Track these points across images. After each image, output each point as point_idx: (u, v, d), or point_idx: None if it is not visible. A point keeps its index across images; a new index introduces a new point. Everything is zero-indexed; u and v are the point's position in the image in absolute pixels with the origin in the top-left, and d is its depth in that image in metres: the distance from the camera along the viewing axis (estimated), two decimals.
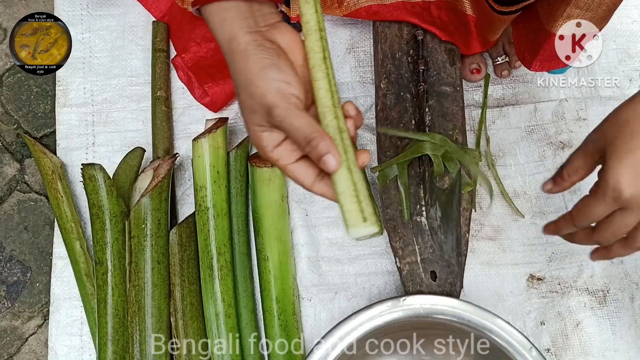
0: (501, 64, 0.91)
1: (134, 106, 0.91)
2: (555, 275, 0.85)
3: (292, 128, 0.48)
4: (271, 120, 0.48)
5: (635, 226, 0.56)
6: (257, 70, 0.48)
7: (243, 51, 0.48)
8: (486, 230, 0.86)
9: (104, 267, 0.78)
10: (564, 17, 0.69)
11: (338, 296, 0.84)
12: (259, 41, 0.49)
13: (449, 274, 0.75)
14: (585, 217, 0.58)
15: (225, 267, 0.78)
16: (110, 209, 0.79)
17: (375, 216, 0.50)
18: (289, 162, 0.51)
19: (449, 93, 0.83)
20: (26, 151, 0.91)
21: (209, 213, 0.79)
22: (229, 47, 0.49)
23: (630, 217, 0.55)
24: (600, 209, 0.56)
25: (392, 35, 0.85)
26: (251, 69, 0.48)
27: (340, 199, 0.50)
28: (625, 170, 0.53)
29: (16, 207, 0.89)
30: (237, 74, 0.49)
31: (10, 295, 0.86)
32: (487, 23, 0.79)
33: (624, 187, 0.53)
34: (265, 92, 0.48)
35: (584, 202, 0.57)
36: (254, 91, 0.48)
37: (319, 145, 0.47)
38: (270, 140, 0.50)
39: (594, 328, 0.83)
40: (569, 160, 0.61)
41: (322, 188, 0.52)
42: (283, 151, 0.51)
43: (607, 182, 0.54)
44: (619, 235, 0.58)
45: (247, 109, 0.50)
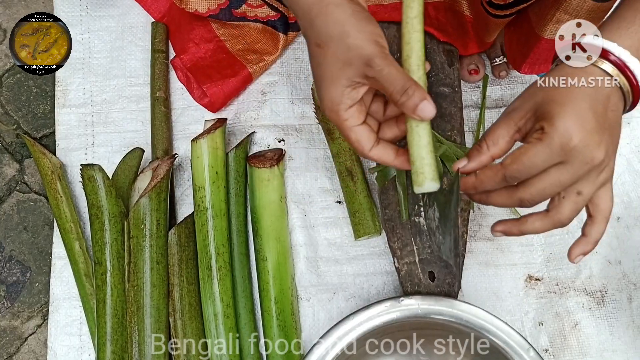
0: (499, 65, 0.91)
1: (133, 107, 0.91)
2: (553, 275, 0.85)
3: (391, 77, 0.50)
4: (369, 71, 0.50)
5: (562, 195, 0.53)
6: (354, 22, 0.50)
7: (339, 4, 0.50)
8: (484, 230, 0.86)
9: (103, 267, 0.78)
10: (553, 22, 0.70)
11: (336, 296, 0.84)
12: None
13: (447, 275, 0.76)
14: (523, 166, 0.52)
15: (224, 267, 0.79)
16: (109, 210, 0.79)
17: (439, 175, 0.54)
18: (356, 124, 0.53)
19: (447, 94, 0.83)
20: (26, 151, 0.91)
21: (208, 213, 0.79)
22: (320, 7, 0.51)
23: (565, 174, 0.51)
24: (542, 158, 0.51)
25: (390, 36, 0.86)
26: (350, 21, 0.50)
27: (421, 152, 0.53)
28: (573, 117, 0.50)
29: (16, 207, 0.89)
30: (332, 25, 0.51)
31: (9, 295, 0.86)
32: (483, 25, 0.79)
33: (572, 132, 0.50)
34: (365, 43, 0.50)
35: (523, 151, 0.52)
36: (352, 42, 0.50)
37: (415, 93, 0.50)
38: (350, 98, 0.52)
39: (592, 328, 0.83)
40: (488, 131, 0.56)
41: (379, 152, 0.54)
42: (354, 112, 0.53)
43: (554, 127, 0.50)
44: (547, 195, 0.54)
45: (340, 61, 0.51)
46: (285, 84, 0.92)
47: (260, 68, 0.89)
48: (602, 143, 0.51)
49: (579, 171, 0.52)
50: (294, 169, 0.88)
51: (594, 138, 0.51)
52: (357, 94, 0.52)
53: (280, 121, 0.90)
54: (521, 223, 0.57)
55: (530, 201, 0.54)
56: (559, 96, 0.52)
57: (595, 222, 0.57)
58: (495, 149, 0.55)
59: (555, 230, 0.85)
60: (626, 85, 0.53)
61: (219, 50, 0.89)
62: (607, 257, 0.86)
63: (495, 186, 0.55)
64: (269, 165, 0.82)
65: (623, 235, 0.87)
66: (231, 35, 0.90)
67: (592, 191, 0.54)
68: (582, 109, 0.51)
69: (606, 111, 0.52)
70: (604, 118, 0.52)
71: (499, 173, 0.54)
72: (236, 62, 0.89)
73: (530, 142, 0.52)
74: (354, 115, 0.53)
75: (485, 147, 0.55)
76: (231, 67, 0.88)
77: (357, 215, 0.84)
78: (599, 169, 0.52)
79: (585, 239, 0.58)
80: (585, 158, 0.51)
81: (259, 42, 0.89)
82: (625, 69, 0.52)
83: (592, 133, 0.50)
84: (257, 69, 0.89)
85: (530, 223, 0.57)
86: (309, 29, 0.53)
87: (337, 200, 0.88)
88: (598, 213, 0.56)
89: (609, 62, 0.52)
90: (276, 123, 0.90)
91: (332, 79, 0.52)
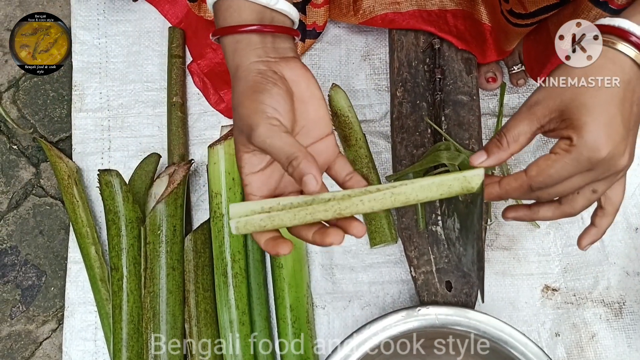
0: (517, 73, 0.90)
1: (149, 111, 0.91)
2: (570, 286, 0.84)
3: (273, 147, 0.47)
4: (253, 140, 0.48)
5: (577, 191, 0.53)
6: (249, 93, 0.49)
7: (244, 77, 0.50)
8: (501, 240, 0.86)
9: (119, 273, 0.78)
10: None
11: (352, 304, 0.84)
12: (262, 70, 0.50)
13: (464, 284, 0.75)
14: (550, 179, 0.50)
15: (239, 274, 0.78)
16: (126, 215, 0.79)
17: None
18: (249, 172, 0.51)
19: (466, 102, 0.82)
20: (42, 155, 0.91)
21: (224, 220, 0.79)
22: (235, 74, 0.51)
23: (587, 179, 0.51)
24: (569, 170, 0.50)
25: (409, 44, 0.85)
26: (245, 92, 0.49)
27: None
28: (602, 128, 0.48)
29: (32, 211, 0.89)
30: (234, 97, 0.50)
31: (25, 299, 0.86)
32: (502, 34, 0.79)
33: (601, 146, 0.48)
34: (251, 113, 0.48)
35: (550, 163, 0.50)
36: (242, 111, 0.49)
37: (300, 165, 0.46)
38: (249, 164, 0.50)
39: (610, 340, 0.82)
40: (508, 125, 0.53)
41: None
42: (254, 180, 0.51)
43: (583, 140, 0.48)
44: (565, 194, 0.53)
45: (236, 128, 0.51)
46: None
47: None
48: (627, 149, 0.51)
49: (600, 176, 0.52)
50: None
51: (621, 148, 0.50)
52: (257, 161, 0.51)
53: None
54: (533, 212, 0.57)
55: (547, 199, 0.54)
56: (588, 99, 0.50)
57: (606, 213, 0.57)
58: (515, 145, 0.53)
59: (573, 241, 0.85)
60: None
61: None
62: (625, 268, 0.85)
63: (521, 197, 0.55)
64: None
65: None
66: None
67: (606, 189, 0.54)
68: (610, 115, 0.49)
69: (632, 107, 0.51)
70: (631, 116, 0.51)
71: (524, 185, 0.53)
72: None
73: (558, 154, 0.50)
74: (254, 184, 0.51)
75: (506, 144, 0.53)
76: None
77: (373, 223, 0.83)
78: (621, 173, 0.53)
79: (594, 229, 0.58)
80: (610, 167, 0.51)
81: None
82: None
83: (620, 143, 0.50)
84: None
85: (542, 212, 0.57)
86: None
87: None
88: (609, 205, 0.57)
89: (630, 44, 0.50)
90: None
91: (235, 143, 0.52)
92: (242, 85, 0.50)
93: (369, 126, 0.90)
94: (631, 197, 0.87)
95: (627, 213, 0.87)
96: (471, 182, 0.51)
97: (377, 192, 0.50)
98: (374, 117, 0.91)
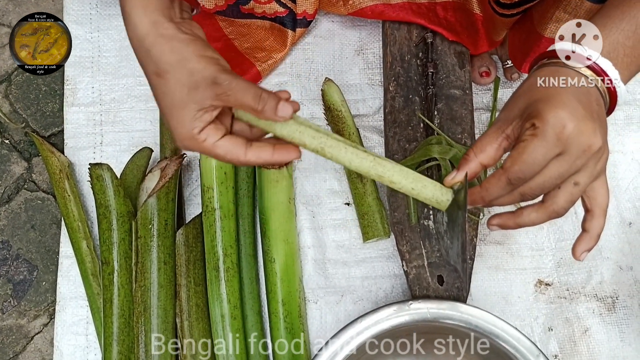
0: (511, 67, 0.90)
1: (142, 106, 0.91)
2: (563, 280, 0.84)
3: (240, 87, 0.49)
4: (217, 88, 0.49)
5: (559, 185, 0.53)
6: (193, 49, 0.50)
7: (174, 35, 0.50)
8: (494, 234, 0.86)
9: (110, 267, 0.78)
10: (553, 21, 0.70)
11: (344, 299, 0.84)
12: (183, 29, 0.51)
13: (456, 279, 0.75)
14: (524, 165, 0.50)
15: (231, 268, 0.78)
16: (117, 209, 0.79)
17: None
18: (217, 138, 0.52)
19: (458, 96, 0.82)
20: (34, 150, 0.91)
21: (216, 214, 0.79)
22: (152, 30, 0.50)
23: (565, 165, 0.51)
24: (541, 152, 0.50)
25: (402, 38, 0.85)
26: (187, 48, 0.50)
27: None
28: (562, 107, 0.49)
29: (23, 205, 0.89)
30: (169, 53, 0.50)
31: (16, 293, 0.86)
32: (491, 24, 0.80)
33: (564, 121, 0.49)
34: (207, 65, 0.49)
35: (520, 150, 0.51)
36: (194, 66, 0.49)
37: (269, 96, 0.49)
38: (202, 121, 0.51)
39: (603, 335, 0.82)
40: (475, 141, 0.56)
41: (255, 153, 0.53)
42: (210, 130, 0.51)
43: (545, 120, 0.49)
44: (547, 188, 0.53)
45: (186, 87, 0.50)
46: (295, 84, 0.92)
47: (268, 66, 0.89)
48: (596, 130, 0.50)
49: (577, 161, 0.51)
50: (303, 170, 0.88)
51: (588, 125, 0.50)
52: (210, 116, 0.51)
53: None
54: (517, 216, 0.57)
55: (531, 195, 0.54)
56: (543, 95, 0.52)
57: (595, 216, 0.56)
58: (483, 155, 0.54)
59: (567, 235, 0.85)
60: (603, 89, 0.53)
61: (227, 49, 0.89)
62: (618, 262, 0.85)
63: (502, 192, 0.54)
64: (278, 166, 0.81)
65: (635, 240, 0.86)
66: (239, 33, 0.89)
67: (588, 182, 0.53)
68: (568, 99, 0.50)
69: (591, 102, 0.52)
70: (591, 108, 0.52)
71: (502, 177, 0.53)
72: (245, 61, 0.88)
73: (526, 140, 0.51)
74: (211, 133, 0.51)
75: (473, 155, 0.54)
76: (240, 66, 0.88)
77: (365, 217, 0.83)
78: (597, 157, 0.52)
79: (587, 235, 0.57)
80: (582, 146, 0.50)
81: (267, 39, 0.89)
82: (602, 74, 0.53)
83: (585, 120, 0.50)
84: (266, 67, 0.88)
85: (526, 215, 0.56)
86: (146, 58, 0.51)
87: (345, 202, 0.87)
88: (596, 207, 0.56)
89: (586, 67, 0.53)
90: None
91: (180, 105, 0.50)
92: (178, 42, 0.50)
93: (362, 121, 0.90)
94: (625, 191, 0.87)
95: (620, 207, 0.87)
96: (443, 196, 0.56)
97: (363, 152, 0.54)
98: (367, 112, 0.91)
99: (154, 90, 0.52)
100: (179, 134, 0.52)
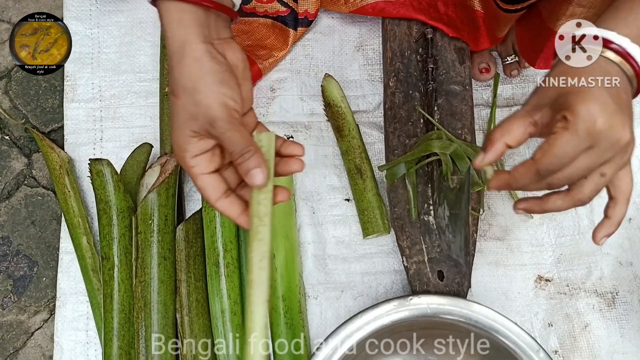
0: (511, 64, 0.90)
1: (142, 102, 0.91)
2: (563, 276, 0.84)
3: (231, 140, 0.50)
4: (212, 130, 0.51)
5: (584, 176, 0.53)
6: (209, 82, 0.51)
7: (198, 59, 0.51)
8: (494, 230, 0.86)
9: (110, 262, 0.78)
10: (567, 16, 0.69)
11: (344, 295, 0.84)
12: (213, 53, 0.52)
13: (456, 274, 0.75)
14: (555, 157, 0.50)
15: (231, 264, 0.78)
16: (117, 205, 0.79)
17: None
18: (204, 172, 0.53)
19: (458, 92, 0.82)
20: (34, 146, 0.91)
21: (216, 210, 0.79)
22: (181, 50, 0.52)
23: (594, 157, 0.51)
24: (572, 145, 0.50)
25: (402, 34, 0.85)
26: (204, 80, 0.51)
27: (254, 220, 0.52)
28: (593, 101, 0.49)
29: (23, 201, 0.89)
30: (186, 78, 0.51)
31: (16, 289, 0.86)
32: (494, 20, 0.79)
33: (596, 115, 0.49)
34: (213, 104, 0.51)
35: (551, 142, 0.50)
36: (201, 100, 0.51)
37: (251, 158, 0.50)
38: (196, 147, 0.52)
39: (603, 330, 0.82)
40: (501, 122, 0.55)
41: (224, 205, 0.54)
42: (202, 160, 0.53)
43: (577, 114, 0.49)
44: (574, 179, 0.53)
45: (187, 113, 0.52)
46: (295, 80, 0.91)
47: (270, 64, 0.89)
48: (625, 123, 0.51)
49: (606, 154, 0.51)
50: None
51: (617, 119, 0.50)
52: (205, 145, 0.53)
53: (290, 118, 0.90)
54: (543, 202, 0.57)
55: (557, 185, 0.54)
56: (574, 87, 0.52)
57: (618, 203, 0.57)
58: (509, 136, 0.54)
59: (567, 231, 0.85)
60: (630, 71, 0.53)
61: None
62: (618, 258, 0.85)
63: (530, 182, 0.54)
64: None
65: (635, 236, 0.86)
66: (241, 31, 0.89)
67: (615, 172, 0.54)
68: (599, 93, 0.51)
69: (620, 93, 0.52)
70: (620, 99, 0.52)
71: (531, 168, 0.53)
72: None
73: (557, 132, 0.51)
74: (202, 164, 0.53)
75: (500, 135, 0.54)
76: None
77: (365, 213, 0.83)
78: (626, 150, 0.52)
79: (609, 221, 0.58)
80: (612, 140, 0.50)
81: (268, 37, 0.89)
82: (627, 56, 0.52)
83: (615, 114, 0.50)
84: (267, 65, 0.88)
85: (552, 202, 0.56)
86: (170, 73, 0.53)
87: (345, 198, 0.87)
88: (620, 194, 0.56)
89: (611, 51, 0.53)
90: (285, 120, 0.90)
91: (178, 127, 0.52)
92: (198, 69, 0.51)
93: (362, 117, 0.90)
94: None
95: None
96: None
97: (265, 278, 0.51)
98: (367, 108, 0.91)
99: (170, 105, 0.55)
100: (175, 150, 0.54)
